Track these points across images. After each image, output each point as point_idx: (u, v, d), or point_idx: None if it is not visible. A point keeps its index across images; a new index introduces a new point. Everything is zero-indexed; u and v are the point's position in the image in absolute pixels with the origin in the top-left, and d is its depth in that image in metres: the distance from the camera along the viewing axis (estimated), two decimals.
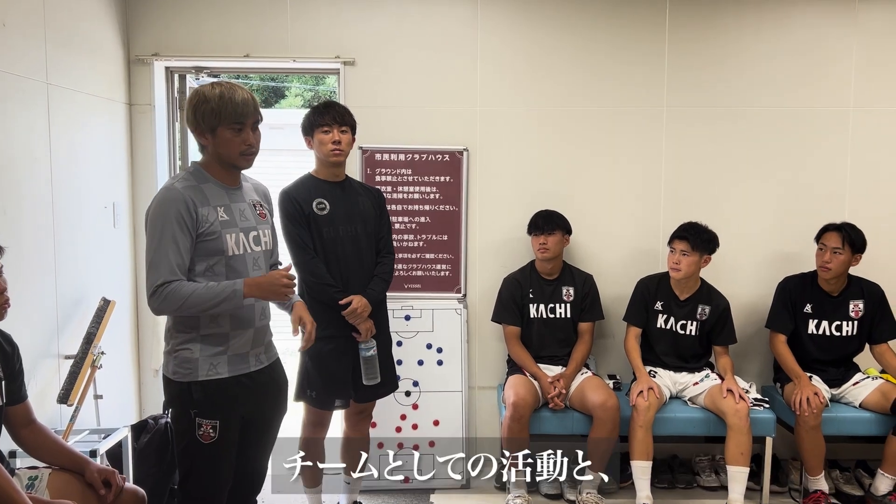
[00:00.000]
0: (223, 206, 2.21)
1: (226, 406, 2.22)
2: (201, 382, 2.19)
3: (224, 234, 2.18)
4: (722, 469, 3.69)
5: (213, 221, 2.16)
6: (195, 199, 2.14)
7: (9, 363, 2.22)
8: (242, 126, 2.17)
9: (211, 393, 2.20)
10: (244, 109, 2.15)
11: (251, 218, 2.29)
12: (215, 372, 2.20)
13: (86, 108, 3.33)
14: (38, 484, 2.19)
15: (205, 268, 2.17)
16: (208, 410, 2.20)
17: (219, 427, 2.20)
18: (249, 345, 2.28)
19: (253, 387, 2.29)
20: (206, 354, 2.20)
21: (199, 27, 3.73)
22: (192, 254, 2.15)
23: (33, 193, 2.93)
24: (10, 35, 2.77)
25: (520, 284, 3.61)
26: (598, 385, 3.39)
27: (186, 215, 2.11)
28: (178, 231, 2.10)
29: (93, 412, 3.17)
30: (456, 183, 3.82)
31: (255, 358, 2.30)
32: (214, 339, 2.21)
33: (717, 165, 3.85)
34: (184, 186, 2.16)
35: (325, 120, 2.91)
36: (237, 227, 2.22)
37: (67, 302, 3.15)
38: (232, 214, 2.22)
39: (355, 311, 2.92)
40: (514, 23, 3.78)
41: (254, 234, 2.28)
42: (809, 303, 3.53)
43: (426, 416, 3.73)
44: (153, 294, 2.09)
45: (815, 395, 3.27)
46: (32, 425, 2.28)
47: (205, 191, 2.19)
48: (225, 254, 2.18)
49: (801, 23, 3.80)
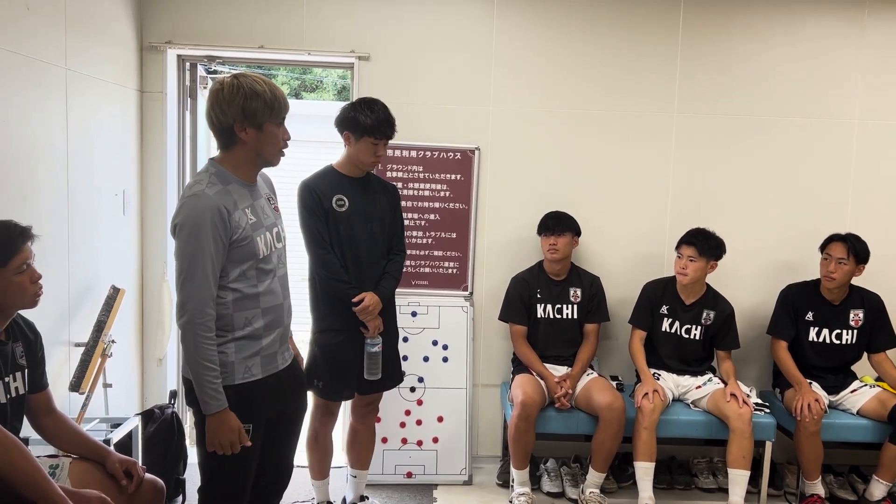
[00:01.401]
0: (249, 206, 2.15)
1: (260, 408, 2.20)
2: (236, 386, 2.13)
3: (255, 238, 2.14)
4: (719, 471, 3.76)
5: (244, 226, 2.10)
6: (227, 206, 2.07)
7: (31, 351, 2.22)
8: (283, 121, 2.17)
9: (246, 396, 2.15)
10: (287, 105, 2.15)
11: (270, 213, 2.25)
12: (250, 374, 2.16)
13: (101, 95, 3.31)
14: (59, 472, 2.19)
15: (238, 273, 2.12)
16: (244, 415, 2.14)
17: (251, 430, 2.16)
18: (278, 344, 2.26)
19: (280, 386, 2.28)
20: (242, 357, 2.15)
21: (213, 16, 3.71)
22: (225, 261, 2.09)
23: (50, 180, 2.91)
24: (32, 20, 2.74)
25: (528, 284, 3.64)
26: (604, 386, 3.43)
27: (221, 226, 2.04)
28: (213, 244, 2.03)
29: (102, 401, 3.15)
30: (466, 181, 3.84)
31: (281, 357, 2.30)
32: (249, 340, 2.16)
33: (723, 172, 3.90)
34: (215, 192, 2.07)
35: (381, 134, 2.87)
36: (263, 227, 2.18)
37: (79, 289, 3.13)
38: (257, 214, 2.17)
39: (367, 309, 2.93)
40: (530, 24, 3.80)
41: (275, 230, 2.25)
42: (811, 310, 3.59)
43: (430, 412, 3.75)
44: (191, 319, 2.03)
45: (816, 402, 3.33)
46: (53, 414, 2.28)
47: (232, 193, 2.11)
48: (257, 257, 2.14)
49: (811, 33, 3.86)
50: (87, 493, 2.03)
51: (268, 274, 2.19)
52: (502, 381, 3.91)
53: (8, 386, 2.10)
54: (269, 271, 2.19)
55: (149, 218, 3.78)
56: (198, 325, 2.03)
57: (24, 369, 2.17)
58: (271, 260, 2.20)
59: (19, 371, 2.15)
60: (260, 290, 2.16)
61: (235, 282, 2.11)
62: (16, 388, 2.13)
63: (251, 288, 2.15)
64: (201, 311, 2.03)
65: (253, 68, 4.43)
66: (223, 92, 2.07)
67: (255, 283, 2.15)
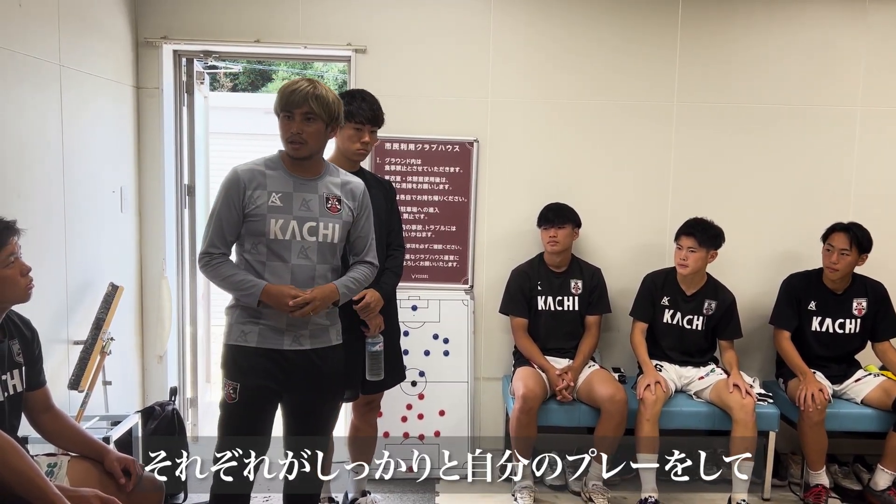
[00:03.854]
0: (282, 193, 2.35)
1: (248, 372, 2.37)
2: (229, 346, 2.41)
3: (269, 218, 2.33)
4: (723, 463, 3.74)
5: (260, 204, 2.33)
6: (248, 181, 2.34)
7: (28, 348, 2.21)
8: (289, 114, 2.33)
9: (235, 356, 2.39)
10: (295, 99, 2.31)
11: (315, 209, 2.38)
12: (244, 340, 2.38)
13: (96, 91, 3.29)
14: (57, 471, 2.17)
15: (251, 245, 2.37)
16: (231, 372, 2.40)
17: (239, 390, 2.37)
18: (284, 324, 2.38)
19: (285, 365, 2.39)
20: (239, 322, 2.39)
21: (208, 10, 3.68)
22: (243, 230, 2.36)
23: (46, 177, 2.89)
24: (25, 16, 2.72)
25: (528, 277, 3.62)
26: (606, 378, 3.42)
27: (235, 194, 2.33)
28: (225, 207, 2.34)
29: (101, 399, 3.14)
30: (465, 174, 3.81)
31: (292, 338, 2.40)
32: (248, 310, 2.38)
33: (724, 162, 3.88)
34: (245, 169, 2.37)
35: (360, 117, 2.84)
36: (290, 215, 2.35)
37: (76, 287, 3.12)
38: (289, 202, 2.35)
39: (368, 306, 2.90)
40: (528, 14, 3.77)
41: (310, 224, 2.37)
42: (814, 300, 3.57)
43: (432, 406, 3.75)
44: (199, 259, 2.39)
45: (820, 392, 3.31)
46: (51, 411, 2.27)
47: (268, 176, 2.36)
48: (266, 236, 2.34)
49: (812, 22, 3.82)
50: (84, 492, 2.01)
51: (279, 258, 2.36)
52: (504, 374, 3.89)
53: (5, 384, 2.09)
54: (281, 256, 2.36)
55: (147, 215, 3.76)
56: (204, 268, 2.37)
57: (21, 367, 2.16)
58: (289, 247, 2.36)
59: (16, 368, 2.14)
60: (265, 268, 2.37)
61: (247, 252, 2.39)
62: (13, 386, 2.12)
63: (258, 263, 2.37)
64: (205, 253, 2.36)
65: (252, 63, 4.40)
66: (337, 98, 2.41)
67: (263, 261, 2.37)
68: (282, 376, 2.40)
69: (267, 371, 2.37)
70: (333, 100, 2.35)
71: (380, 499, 3.37)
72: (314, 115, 2.30)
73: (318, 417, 2.51)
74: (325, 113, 2.32)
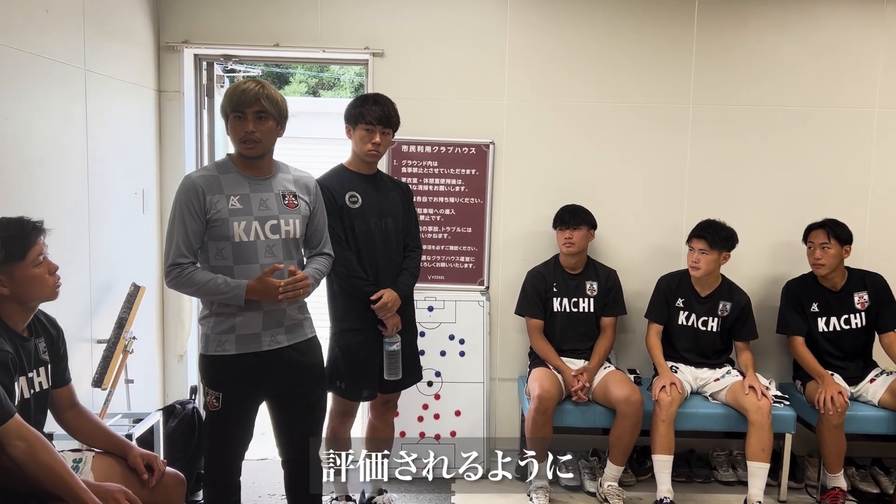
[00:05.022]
0: (240, 195, 2.38)
1: (229, 381, 2.43)
2: (209, 357, 2.43)
3: (231, 221, 2.35)
4: (739, 464, 3.74)
5: (220, 209, 2.34)
6: (206, 187, 2.35)
7: (54, 346, 2.26)
8: (241, 115, 2.34)
9: (216, 367, 2.43)
10: (245, 99, 2.33)
11: (273, 207, 2.42)
12: (223, 349, 2.41)
13: (119, 95, 3.35)
14: (82, 466, 2.22)
15: (215, 251, 2.38)
16: (213, 382, 2.44)
17: (222, 398, 2.42)
18: (260, 326, 2.43)
19: (267, 366, 2.44)
20: (216, 332, 2.41)
21: (228, 15, 3.74)
22: (206, 237, 2.37)
23: (70, 178, 2.96)
24: (52, 21, 2.79)
25: (544, 278, 3.64)
26: (621, 379, 3.43)
27: (195, 201, 2.33)
28: (188, 215, 2.33)
29: (124, 397, 3.20)
30: (481, 176, 3.84)
31: (270, 338, 2.45)
32: (223, 318, 2.41)
33: (740, 164, 3.87)
34: (198, 176, 2.38)
35: (370, 118, 2.90)
36: (251, 216, 2.38)
37: (100, 286, 3.18)
38: (248, 203, 2.38)
39: (385, 306, 2.94)
40: (544, 17, 3.79)
41: (272, 222, 2.41)
42: (815, 301, 3.57)
43: (448, 406, 3.77)
44: (167, 273, 2.37)
45: (839, 394, 3.30)
46: (76, 408, 2.32)
47: (222, 180, 2.38)
48: (231, 239, 2.37)
49: (828, 23, 3.81)
50: (109, 487, 2.06)
51: (246, 260, 2.39)
52: (519, 374, 3.91)
53: (32, 381, 2.14)
54: (247, 257, 2.39)
55: (168, 216, 3.81)
56: (175, 280, 2.35)
57: (46, 364, 2.21)
58: (255, 248, 2.39)
59: (42, 366, 2.19)
60: (234, 272, 2.38)
61: (213, 259, 2.39)
62: (39, 384, 2.18)
63: (226, 269, 2.38)
64: (174, 265, 2.34)
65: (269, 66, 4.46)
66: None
67: (231, 265, 2.38)
68: (263, 378, 2.45)
69: (248, 376, 2.43)
70: (282, 99, 2.43)
71: (396, 498, 3.40)
72: (266, 114, 2.35)
73: (305, 410, 2.57)
74: (276, 111, 2.38)
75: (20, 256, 2.05)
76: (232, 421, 2.46)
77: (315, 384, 2.61)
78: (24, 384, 2.10)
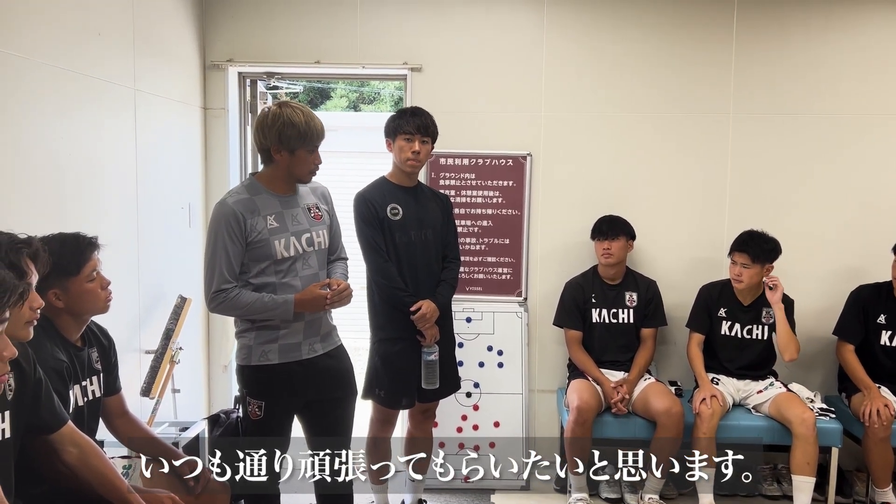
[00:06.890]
0: (274, 213, 2.46)
1: (272, 390, 2.51)
2: (252, 367, 2.50)
3: (272, 241, 2.43)
4: (784, 478, 3.67)
5: (261, 230, 2.42)
6: (244, 212, 2.41)
7: (106, 356, 2.34)
8: (315, 149, 2.47)
9: (259, 377, 2.50)
10: (321, 135, 2.47)
11: (304, 221, 2.53)
12: (266, 359, 2.49)
13: (167, 113, 3.47)
14: (131, 472, 2.31)
15: (257, 271, 2.45)
16: (256, 391, 2.52)
17: (264, 407, 2.50)
18: (301, 335, 2.52)
19: (306, 374, 2.53)
20: (259, 342, 2.49)
21: (271, 34, 3.84)
22: (246, 258, 2.43)
23: (121, 194, 3.07)
24: (104, 44, 2.91)
25: (582, 289, 3.64)
26: (662, 391, 3.40)
27: (236, 226, 2.39)
28: (229, 241, 2.39)
29: (171, 405, 3.29)
30: (519, 187, 3.86)
31: (308, 347, 2.55)
32: (267, 329, 2.48)
33: (782, 172, 3.82)
34: (234, 201, 2.43)
35: (409, 128, 2.97)
36: (288, 232, 2.47)
37: (148, 298, 3.28)
38: (283, 220, 2.47)
39: (424, 316, 2.98)
40: (580, 29, 3.81)
41: (306, 236, 2.52)
42: (883, 313, 3.47)
43: (487, 417, 3.79)
44: (212, 299, 2.42)
45: (886, 407, 3.23)
46: (126, 416, 2.40)
47: (256, 202, 2.45)
48: (274, 258, 2.44)
49: (869, 27, 3.75)
50: (157, 493, 2.13)
51: (288, 274, 2.47)
52: (558, 386, 3.90)
53: (85, 389, 2.22)
54: (290, 272, 2.48)
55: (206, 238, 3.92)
56: (221, 304, 2.42)
57: (99, 373, 2.29)
58: (295, 262, 2.49)
59: (95, 375, 2.27)
60: (278, 288, 2.46)
61: (255, 277, 2.45)
62: (92, 392, 2.26)
63: (268, 286, 2.46)
64: (219, 291, 2.40)
65: (311, 82, 4.55)
66: (266, 119, 2.43)
67: (274, 282, 2.46)
68: (303, 386, 2.54)
69: (289, 385, 2.52)
70: None
71: None
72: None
73: (339, 414, 2.65)
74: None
75: (75, 271, 2.13)
76: (272, 428, 2.53)
77: (350, 388, 2.71)
78: (78, 392, 2.18)
